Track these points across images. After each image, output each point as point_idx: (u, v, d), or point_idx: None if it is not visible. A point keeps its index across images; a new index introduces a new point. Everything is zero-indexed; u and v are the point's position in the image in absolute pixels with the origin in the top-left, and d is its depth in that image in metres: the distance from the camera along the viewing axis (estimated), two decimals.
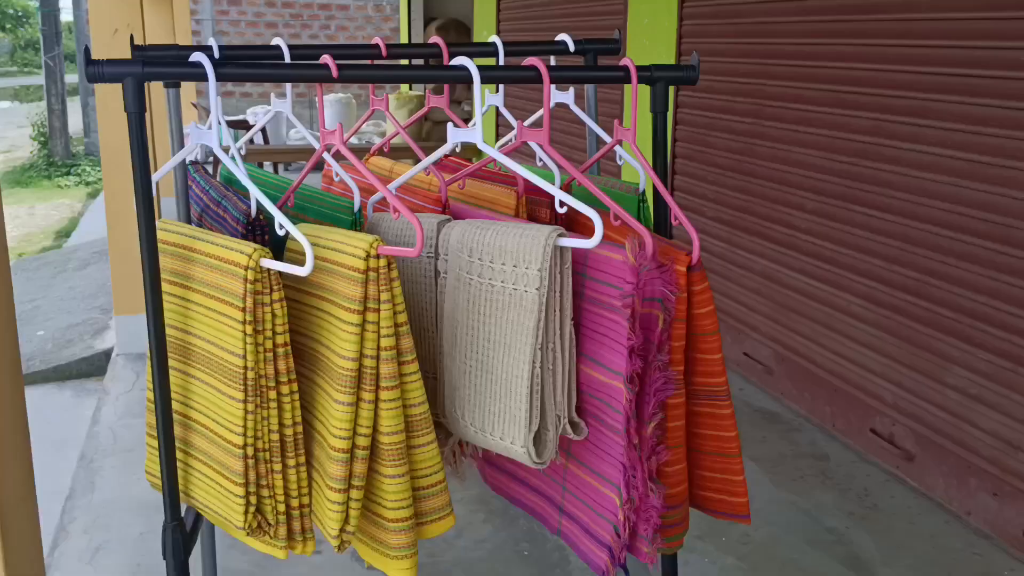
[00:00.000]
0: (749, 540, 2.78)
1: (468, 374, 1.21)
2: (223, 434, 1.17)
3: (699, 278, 1.15)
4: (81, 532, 2.83)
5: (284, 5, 13.39)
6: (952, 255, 2.87)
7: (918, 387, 3.05)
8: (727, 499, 1.26)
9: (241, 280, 1.12)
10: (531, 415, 1.14)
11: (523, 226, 1.14)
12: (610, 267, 1.14)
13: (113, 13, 3.98)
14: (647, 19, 4.70)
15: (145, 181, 1.14)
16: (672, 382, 1.14)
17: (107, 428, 3.57)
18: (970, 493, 2.87)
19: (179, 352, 1.24)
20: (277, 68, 1.20)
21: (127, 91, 1.11)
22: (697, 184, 4.33)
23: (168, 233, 1.25)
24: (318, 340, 1.18)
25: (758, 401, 3.79)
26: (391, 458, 1.14)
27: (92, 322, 5.12)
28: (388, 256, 1.10)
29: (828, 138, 3.39)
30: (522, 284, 1.12)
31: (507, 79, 1.25)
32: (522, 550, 2.72)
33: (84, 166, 12.42)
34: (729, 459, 1.24)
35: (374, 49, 1.43)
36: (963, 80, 2.78)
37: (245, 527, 1.17)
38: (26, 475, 1.38)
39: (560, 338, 1.15)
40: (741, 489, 1.25)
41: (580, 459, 1.24)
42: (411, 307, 1.30)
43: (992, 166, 2.70)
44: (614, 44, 1.52)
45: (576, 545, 1.29)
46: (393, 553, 1.17)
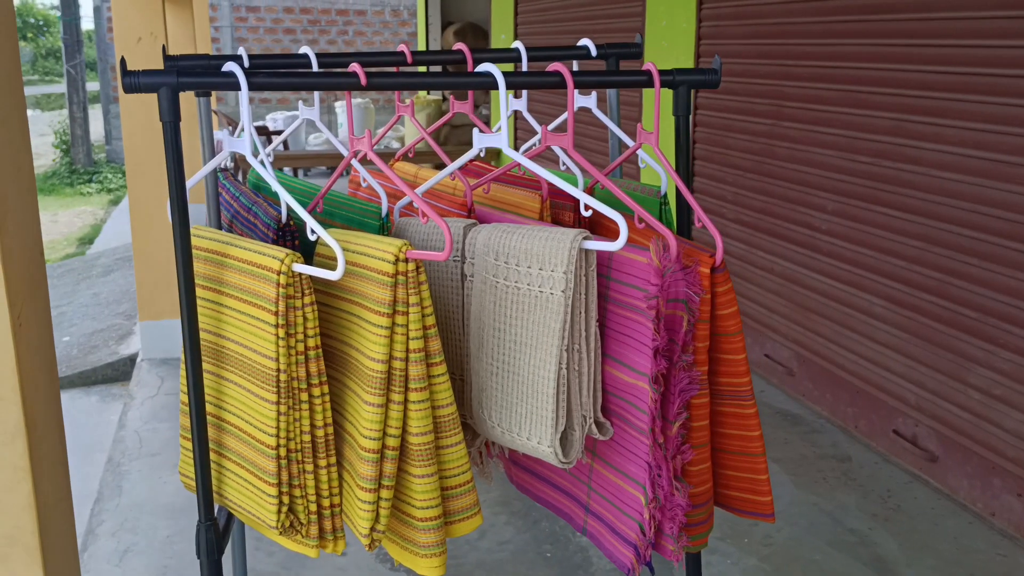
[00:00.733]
0: (772, 541, 2.79)
1: (495, 375, 1.23)
2: (256, 435, 1.19)
3: (722, 279, 1.16)
4: (109, 535, 2.87)
5: (302, 11, 13.48)
6: (974, 255, 2.87)
7: (941, 388, 3.04)
8: (752, 498, 1.27)
9: (274, 284, 1.14)
10: (557, 415, 1.16)
11: (548, 229, 1.16)
12: (635, 269, 1.16)
13: (136, 22, 4.04)
14: (665, 21, 4.71)
15: (180, 188, 1.16)
16: (696, 382, 1.15)
17: (133, 432, 3.62)
18: (994, 494, 2.86)
19: (212, 355, 1.27)
20: (307, 77, 1.23)
21: (162, 101, 1.14)
22: (716, 186, 4.34)
23: (201, 239, 1.27)
24: (348, 343, 1.21)
25: (779, 403, 3.79)
26: (420, 458, 1.16)
27: (117, 328, 5.18)
28: (416, 260, 1.13)
29: (848, 139, 3.39)
30: (548, 286, 1.14)
31: (532, 84, 1.26)
32: (544, 552, 2.73)
33: (106, 173, 12.54)
34: (754, 458, 1.25)
35: (399, 56, 1.45)
36: (984, 79, 2.78)
37: (278, 526, 1.19)
38: (63, 479, 1.41)
39: (585, 339, 1.17)
40: (766, 488, 1.26)
41: (606, 459, 1.26)
42: (438, 310, 1.32)
43: (1014, 165, 2.70)
44: (636, 48, 1.54)
45: (602, 544, 1.30)
46: (422, 552, 1.19)
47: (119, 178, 12.21)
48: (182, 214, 1.20)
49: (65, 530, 1.49)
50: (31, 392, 1.34)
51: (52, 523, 1.41)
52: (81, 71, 13.59)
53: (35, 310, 1.37)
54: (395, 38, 13.63)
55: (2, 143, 1.24)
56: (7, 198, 1.26)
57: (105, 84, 13.84)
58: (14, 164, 1.30)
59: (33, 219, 1.41)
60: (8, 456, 1.32)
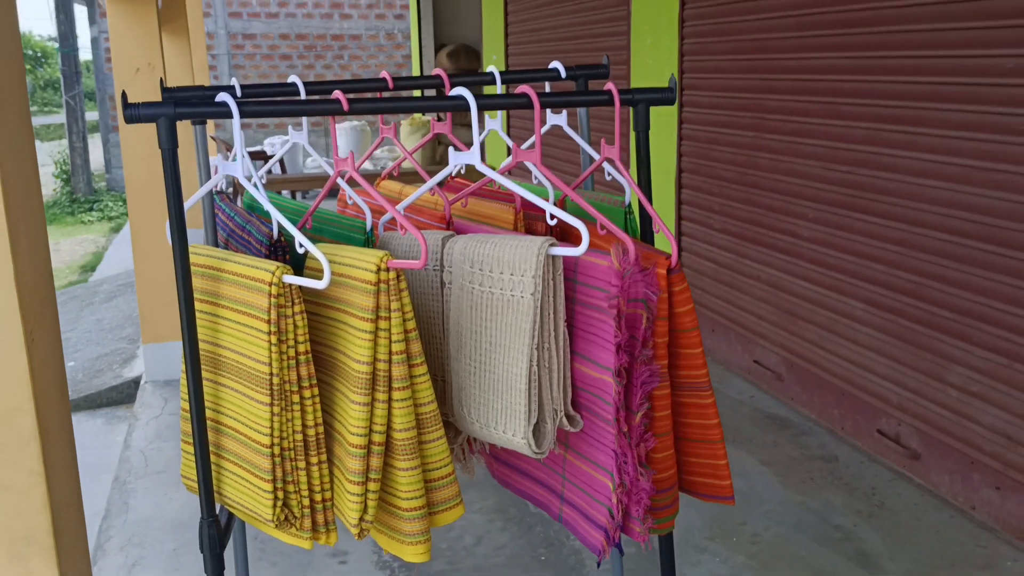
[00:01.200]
0: (759, 540, 2.87)
1: (473, 375, 1.32)
2: (252, 435, 1.29)
3: (678, 280, 1.26)
4: (118, 550, 2.96)
5: (298, 37, 13.65)
6: (949, 257, 2.97)
7: (921, 387, 3.13)
8: (713, 483, 1.36)
9: (266, 295, 1.24)
10: (530, 409, 1.25)
11: (518, 238, 1.26)
12: (597, 272, 1.26)
13: (134, 53, 4.16)
14: (649, 39, 4.84)
15: (179, 210, 1.26)
16: (657, 375, 1.25)
17: (138, 451, 3.71)
18: (974, 488, 2.95)
19: (210, 363, 1.36)
20: (294, 104, 1.33)
21: (161, 130, 1.24)
22: (704, 197, 4.44)
23: (198, 256, 1.37)
24: (336, 348, 1.31)
25: (769, 407, 3.88)
26: (404, 453, 1.26)
27: (120, 352, 5.28)
28: (397, 269, 1.23)
29: (827, 148, 3.50)
30: (519, 290, 1.24)
31: (501, 106, 1.37)
32: (539, 555, 2.82)
33: (107, 201, 12.67)
34: (713, 445, 1.34)
35: (382, 82, 1.56)
36: (954, 88, 2.89)
37: (273, 520, 1.29)
38: (74, 483, 1.50)
39: (555, 338, 1.26)
40: (725, 473, 1.35)
41: (577, 450, 1.35)
42: (420, 316, 1.42)
43: (984, 170, 2.80)
44: (603, 69, 1.64)
45: (576, 529, 1.40)
46: (408, 539, 1.28)
47: (120, 206, 12.33)
48: (181, 234, 1.30)
49: (77, 532, 1.59)
50: (44, 402, 1.44)
51: (65, 525, 1.51)
52: (80, 101, 13.75)
53: (46, 327, 1.47)
54: (390, 61, 13.79)
55: (13, 173, 1.34)
56: (18, 223, 1.36)
57: (104, 114, 14.00)
58: (25, 192, 1.40)
59: (43, 243, 1.51)
60: (23, 461, 1.41)
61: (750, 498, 3.13)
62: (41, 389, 1.46)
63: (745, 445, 3.53)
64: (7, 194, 1.35)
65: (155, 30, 4.18)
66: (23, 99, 1.37)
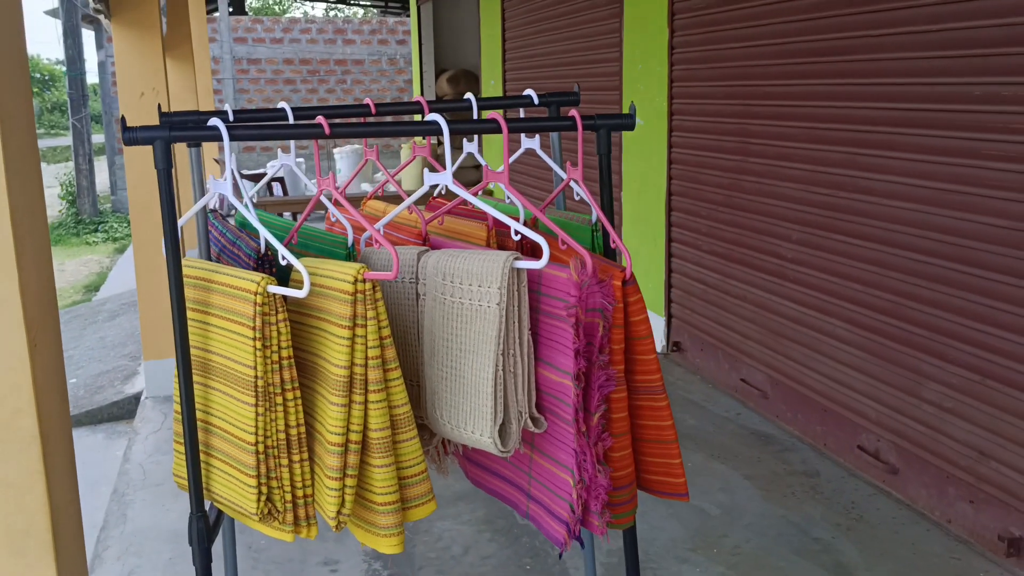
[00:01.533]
0: (740, 551, 2.95)
1: (444, 379, 1.42)
2: (238, 434, 1.39)
3: (633, 291, 1.36)
4: (115, 559, 3.04)
5: (302, 62, 13.84)
6: (922, 277, 3.06)
7: (898, 403, 3.22)
8: (668, 480, 1.45)
9: (251, 304, 1.34)
10: (496, 411, 1.35)
11: (486, 253, 1.36)
12: (558, 283, 1.36)
13: (139, 78, 4.29)
14: (640, 65, 4.96)
15: (172, 225, 1.37)
16: (613, 379, 1.34)
17: (137, 465, 3.80)
18: (949, 502, 3.03)
19: (200, 367, 1.46)
20: (279, 128, 1.44)
21: (157, 152, 1.35)
22: (692, 220, 4.55)
23: (191, 268, 1.48)
24: (316, 353, 1.40)
25: (754, 424, 3.96)
26: (379, 451, 1.35)
27: (122, 369, 5.38)
28: (372, 280, 1.33)
29: (807, 172, 3.61)
30: (486, 300, 1.34)
31: (472, 130, 1.47)
32: (525, 564, 2.90)
33: (112, 223, 12.82)
34: (667, 445, 1.43)
35: (364, 108, 1.67)
36: (926, 114, 3.00)
37: (258, 513, 1.38)
38: (72, 484, 1.60)
39: (519, 345, 1.36)
40: (679, 471, 1.44)
41: (542, 450, 1.45)
42: (396, 325, 1.52)
43: (954, 193, 2.90)
44: (574, 96, 1.75)
45: (541, 525, 1.48)
46: (383, 532, 1.37)
47: (124, 227, 12.48)
48: (174, 247, 1.40)
49: (74, 529, 1.68)
50: (45, 406, 1.54)
51: (62, 522, 1.60)
52: (86, 124, 13.93)
53: (48, 336, 1.57)
54: (392, 86, 13.98)
55: (18, 192, 1.45)
56: (24, 239, 1.47)
57: (110, 136, 14.19)
58: (30, 211, 1.51)
59: (46, 257, 1.62)
60: (25, 461, 1.51)
61: (732, 511, 3.21)
62: (42, 393, 1.55)
63: (730, 461, 3.61)
64: (13, 210, 1.45)
65: (159, 56, 4.32)
66: (30, 120, 1.48)
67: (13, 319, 1.48)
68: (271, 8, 31.03)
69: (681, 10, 4.51)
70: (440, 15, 10.29)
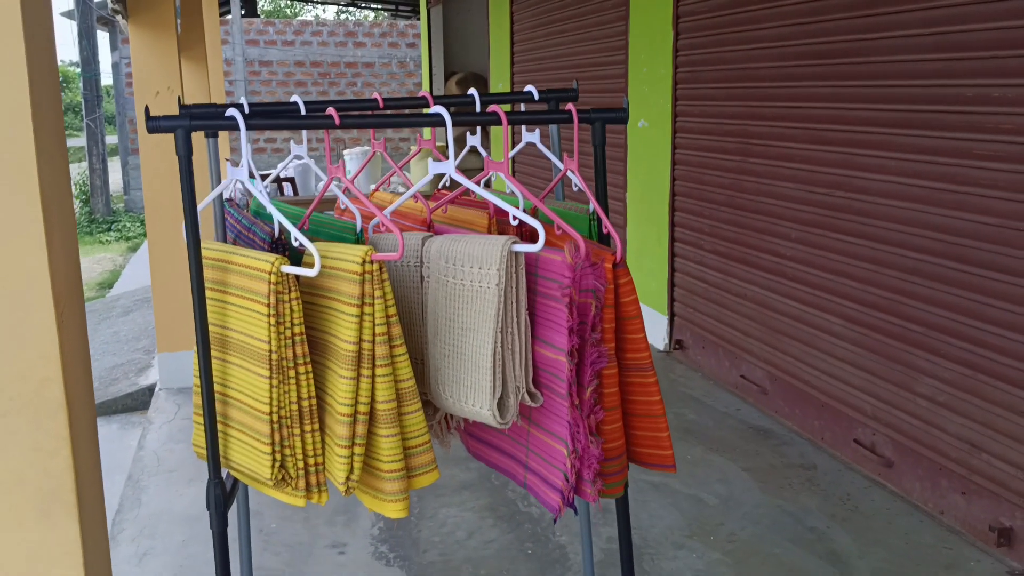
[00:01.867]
0: (735, 538, 3.03)
1: (447, 356, 1.51)
2: (254, 405, 1.48)
3: (623, 273, 1.45)
4: (129, 540, 3.14)
5: (313, 64, 13.97)
6: (916, 274, 3.14)
7: (893, 397, 3.30)
8: (657, 452, 1.54)
9: (266, 283, 1.44)
10: (495, 385, 1.44)
11: (485, 237, 1.45)
12: (553, 266, 1.45)
13: (155, 77, 4.40)
14: (646, 68, 5.05)
15: (192, 208, 1.46)
16: (605, 356, 1.43)
17: (152, 452, 3.90)
18: (942, 494, 3.10)
19: (218, 344, 1.56)
20: (293, 118, 1.53)
21: (178, 139, 1.44)
22: (695, 219, 4.64)
23: (209, 251, 1.57)
24: (327, 331, 1.50)
25: (754, 419, 4.04)
26: (386, 421, 1.44)
27: (136, 362, 5.49)
28: (379, 261, 1.42)
29: (806, 172, 3.69)
30: (486, 282, 1.43)
31: (474, 122, 1.56)
32: (526, 549, 2.98)
33: (124, 222, 12.96)
34: (656, 419, 1.52)
35: (373, 102, 1.76)
36: (920, 115, 3.08)
37: (272, 479, 1.47)
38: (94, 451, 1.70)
39: (517, 324, 1.45)
40: (667, 444, 1.53)
41: (538, 423, 1.53)
42: (402, 306, 1.61)
43: (949, 192, 2.98)
44: (572, 92, 1.84)
45: (537, 493, 1.57)
46: (389, 498, 1.47)
47: (137, 226, 12.61)
48: (194, 230, 1.50)
49: (96, 493, 1.79)
50: (70, 375, 1.64)
51: (86, 487, 1.70)
52: (100, 125, 14.09)
53: (73, 310, 1.68)
54: (402, 88, 14.09)
55: (48, 175, 1.55)
56: (53, 217, 1.57)
57: (123, 137, 14.34)
58: (58, 193, 1.61)
59: (72, 238, 1.73)
60: (52, 427, 1.62)
61: (729, 501, 3.29)
62: (69, 364, 1.66)
63: (728, 453, 3.69)
64: (44, 192, 1.56)
65: (175, 56, 4.42)
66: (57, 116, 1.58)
67: (42, 293, 1.57)
68: (283, 11, 31.23)
69: (685, 14, 4.59)
70: (450, 19, 10.41)
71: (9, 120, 1.46)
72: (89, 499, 1.66)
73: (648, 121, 5.07)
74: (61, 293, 1.58)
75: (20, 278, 1.52)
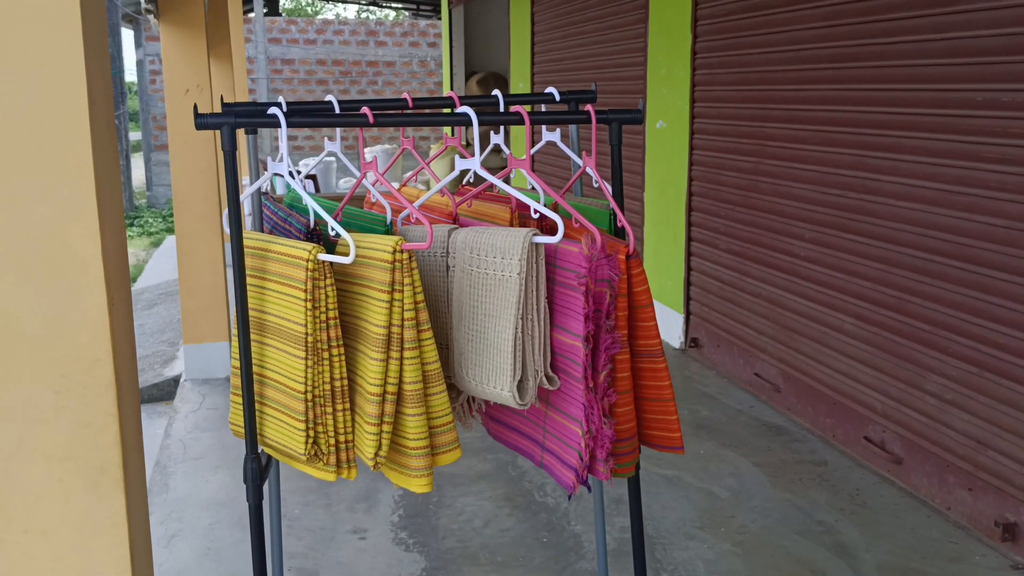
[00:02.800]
0: (745, 530, 3.11)
1: (470, 341, 1.61)
2: (290, 384, 1.58)
3: (636, 264, 1.54)
4: (158, 523, 3.26)
5: (335, 63, 14.11)
6: (926, 274, 3.21)
7: (902, 395, 3.37)
8: (666, 435, 1.63)
9: (303, 270, 1.54)
10: (515, 368, 1.53)
11: (508, 229, 1.55)
12: (571, 257, 1.54)
13: (185, 75, 4.52)
14: (664, 70, 5.13)
15: (235, 200, 1.56)
16: (618, 342, 1.52)
17: (178, 440, 4.02)
18: (949, 490, 3.17)
19: (257, 327, 1.66)
20: (330, 116, 1.63)
21: (225, 135, 1.55)
22: (711, 219, 4.71)
23: (250, 240, 1.68)
24: (359, 316, 1.59)
25: (767, 417, 4.12)
26: (412, 401, 1.54)
27: (161, 354, 5.62)
28: (409, 250, 1.52)
29: (819, 173, 3.76)
30: (508, 271, 1.52)
31: (499, 122, 1.65)
32: (542, 537, 3.07)
33: (147, 218, 13.14)
34: (666, 403, 1.61)
35: (403, 102, 1.86)
36: (931, 119, 3.15)
37: (305, 454, 1.57)
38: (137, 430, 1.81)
39: (536, 311, 1.55)
40: (676, 427, 1.62)
41: (555, 405, 1.63)
42: (429, 294, 1.70)
43: (958, 194, 3.05)
44: (591, 94, 1.93)
45: (553, 472, 1.66)
46: (414, 474, 1.56)
47: (159, 222, 12.78)
48: (236, 221, 1.60)
49: (139, 468, 1.89)
50: (119, 356, 1.75)
51: (131, 462, 1.81)
52: (124, 121, 14.28)
53: (122, 295, 1.78)
54: (422, 87, 14.21)
55: (102, 169, 1.66)
56: (105, 207, 1.68)
57: (147, 134, 14.53)
58: (109, 184, 1.72)
59: (121, 226, 1.83)
60: (102, 404, 1.72)
61: (740, 495, 3.37)
62: (117, 345, 1.77)
63: (741, 449, 3.77)
64: (98, 182, 1.67)
65: (204, 54, 4.54)
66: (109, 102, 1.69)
67: (95, 279, 1.68)
68: (304, 10, 31.43)
69: (704, 16, 4.67)
70: (471, 18, 10.51)
71: (68, 116, 1.57)
72: (133, 473, 1.77)
73: (666, 122, 5.15)
74: (112, 279, 1.69)
75: (75, 264, 1.63)
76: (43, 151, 1.61)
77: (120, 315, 1.72)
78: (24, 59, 1.56)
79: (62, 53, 1.58)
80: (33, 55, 1.58)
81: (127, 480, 1.75)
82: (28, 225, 1.63)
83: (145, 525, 1.90)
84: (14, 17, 1.53)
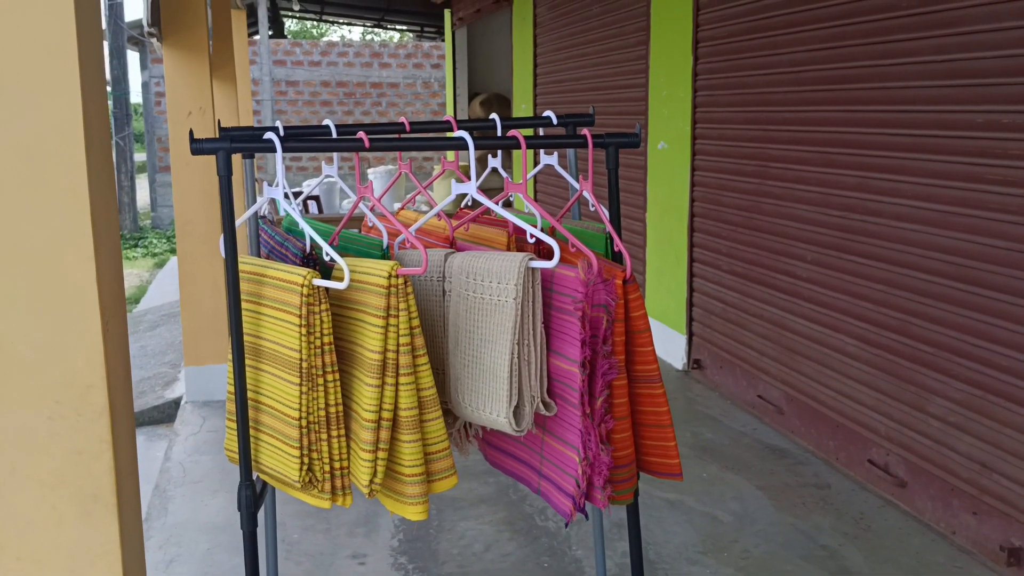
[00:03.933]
0: (748, 555, 3.08)
1: (467, 367, 1.59)
2: (284, 411, 1.57)
3: (633, 289, 1.53)
4: (156, 548, 3.23)
5: (339, 84, 14.18)
6: (928, 296, 3.20)
7: (906, 418, 3.34)
8: (664, 461, 1.61)
9: (299, 295, 1.53)
10: (511, 394, 1.52)
11: (504, 254, 1.54)
12: (567, 282, 1.53)
13: (187, 98, 4.54)
14: (665, 91, 5.14)
15: (230, 225, 1.56)
16: (615, 367, 1.51)
17: (178, 463, 4.00)
18: (954, 513, 3.14)
19: (252, 352, 1.65)
20: (325, 141, 1.63)
21: (219, 161, 1.54)
22: (713, 240, 4.71)
23: (245, 264, 1.67)
24: (354, 341, 1.58)
25: (770, 439, 4.09)
26: (408, 428, 1.52)
27: (162, 375, 5.60)
28: (404, 275, 1.51)
29: (821, 195, 3.76)
30: (504, 296, 1.51)
31: (496, 146, 1.65)
32: (543, 563, 3.05)
33: (151, 239, 13.17)
34: (663, 429, 1.59)
35: (400, 126, 1.86)
36: (932, 140, 3.14)
37: (300, 481, 1.56)
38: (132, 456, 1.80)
39: (533, 336, 1.53)
40: (674, 453, 1.60)
41: (552, 431, 1.61)
42: (425, 319, 1.69)
43: (959, 215, 3.04)
44: (589, 118, 1.92)
45: (550, 499, 1.65)
46: (410, 501, 1.54)
47: (163, 243, 12.81)
48: (232, 246, 1.59)
49: (134, 495, 1.88)
50: (113, 383, 1.74)
51: (125, 489, 1.80)
52: (129, 143, 14.34)
53: (117, 321, 1.77)
54: (426, 108, 14.26)
55: (97, 194, 1.66)
56: (101, 233, 1.67)
57: (151, 155, 14.59)
58: (105, 210, 1.71)
59: (117, 253, 1.83)
60: (96, 431, 1.71)
61: (743, 519, 3.34)
62: (112, 371, 1.75)
63: (743, 472, 3.74)
64: (93, 209, 1.66)
65: (207, 77, 4.56)
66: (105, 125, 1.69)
67: (90, 305, 1.67)
68: (309, 32, 31.63)
69: (705, 38, 4.69)
70: (474, 40, 10.56)
71: (63, 141, 1.57)
72: (127, 500, 1.76)
73: (667, 143, 5.15)
74: (107, 305, 1.68)
75: (70, 290, 1.62)
76: (38, 176, 1.61)
77: (115, 341, 1.71)
78: (19, 83, 1.56)
79: (58, 78, 1.57)
80: (28, 80, 1.57)
81: (121, 507, 1.73)
82: (22, 250, 1.62)
83: (139, 553, 1.88)
84: (9, 41, 1.53)
